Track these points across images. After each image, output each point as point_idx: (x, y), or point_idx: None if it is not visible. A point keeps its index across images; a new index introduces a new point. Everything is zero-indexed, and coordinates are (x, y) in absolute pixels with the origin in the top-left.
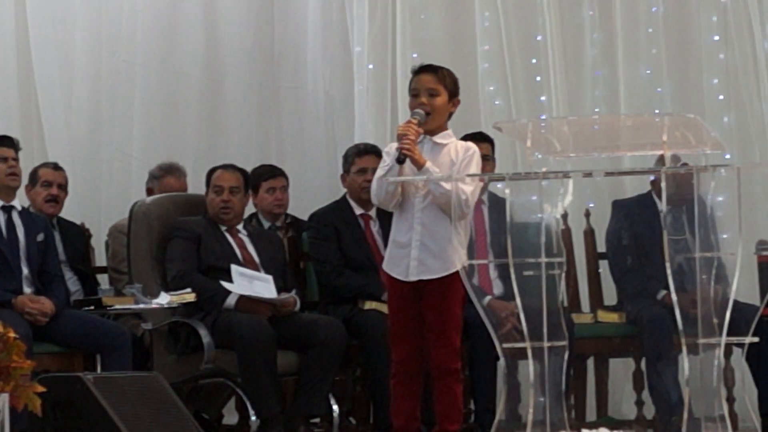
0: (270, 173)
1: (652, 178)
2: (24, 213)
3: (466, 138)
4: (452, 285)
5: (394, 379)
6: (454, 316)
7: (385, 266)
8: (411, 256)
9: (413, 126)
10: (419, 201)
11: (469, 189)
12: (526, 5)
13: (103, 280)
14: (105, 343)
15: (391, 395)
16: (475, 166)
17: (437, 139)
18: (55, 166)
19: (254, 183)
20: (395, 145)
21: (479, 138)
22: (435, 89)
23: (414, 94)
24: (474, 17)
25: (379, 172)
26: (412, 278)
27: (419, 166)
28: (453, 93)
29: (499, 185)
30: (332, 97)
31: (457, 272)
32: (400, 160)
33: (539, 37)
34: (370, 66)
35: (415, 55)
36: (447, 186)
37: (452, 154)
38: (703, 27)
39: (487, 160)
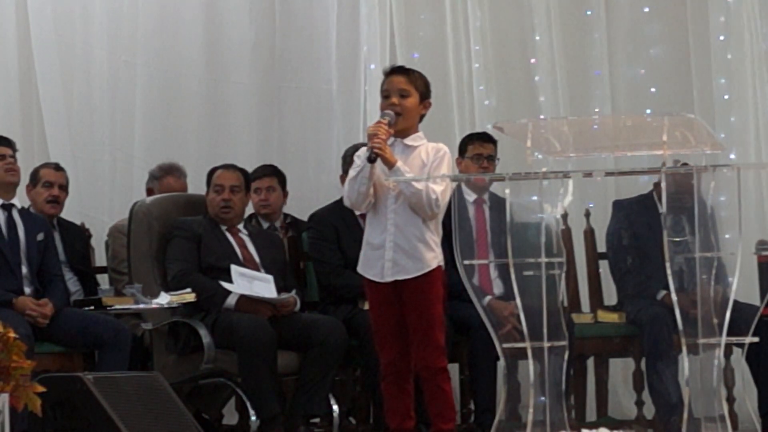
0: (257, 174)
1: (654, 180)
2: (24, 212)
3: (470, 138)
4: (430, 284)
5: (384, 381)
6: (435, 315)
7: (360, 269)
8: (385, 257)
9: (383, 126)
10: (392, 202)
11: (440, 189)
12: (524, 5)
13: (103, 280)
14: (104, 338)
15: (384, 397)
16: (446, 167)
17: (408, 141)
18: (57, 167)
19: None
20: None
21: (484, 138)
22: (406, 90)
23: (385, 95)
24: (468, 17)
25: (351, 173)
26: (388, 279)
27: (390, 165)
28: (424, 95)
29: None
30: (333, 97)
31: (433, 271)
32: (371, 159)
33: (538, 37)
34: (372, 66)
35: (416, 55)
36: (418, 186)
37: (423, 156)
38: (711, 27)
39: (491, 160)
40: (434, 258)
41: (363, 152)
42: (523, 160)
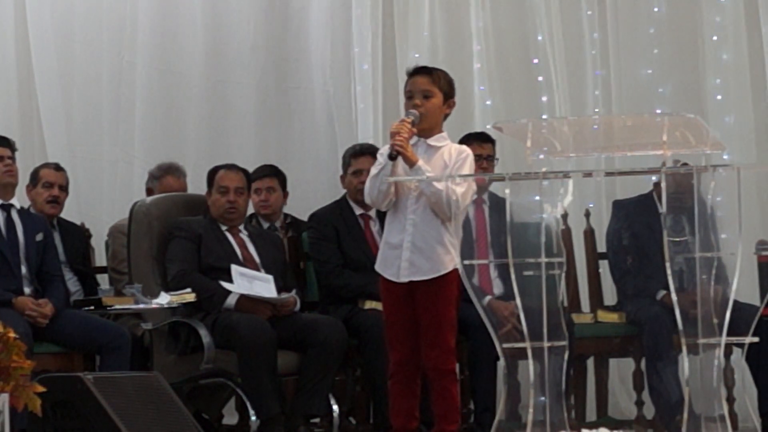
0: (257, 174)
1: (654, 180)
2: (23, 212)
3: (468, 138)
4: (445, 286)
5: (392, 379)
6: (447, 317)
7: (378, 267)
8: (402, 257)
9: (407, 125)
10: (412, 202)
11: (460, 190)
12: (525, 5)
13: (103, 280)
14: (104, 343)
15: (390, 396)
16: (468, 169)
17: (431, 141)
18: (57, 167)
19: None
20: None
21: (482, 138)
22: (429, 90)
23: (409, 95)
24: (470, 17)
25: (373, 171)
26: (404, 279)
27: (411, 163)
28: (448, 95)
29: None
30: (334, 98)
31: (449, 273)
32: (392, 157)
33: (540, 37)
34: (365, 66)
35: (417, 55)
36: (439, 186)
37: (446, 157)
38: (706, 27)
39: (490, 160)
40: (451, 260)
41: (385, 150)
42: (523, 160)
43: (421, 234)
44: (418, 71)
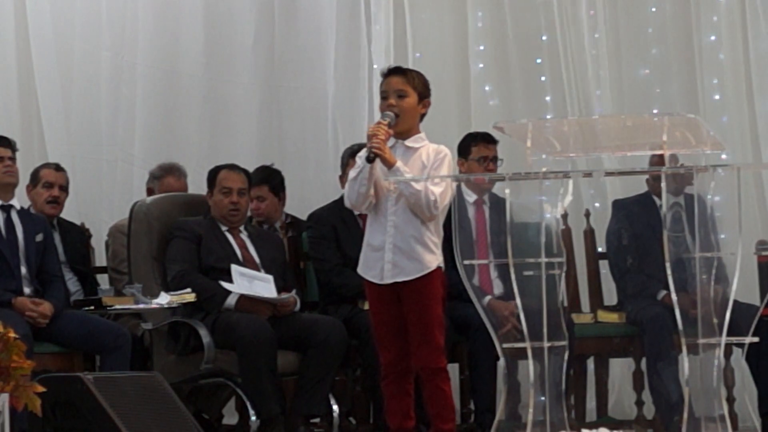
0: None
1: (646, 176)
2: (23, 213)
3: (474, 138)
4: (429, 285)
5: (384, 381)
6: (434, 316)
7: (360, 270)
8: (385, 258)
9: (383, 127)
10: (392, 204)
11: (438, 190)
12: (529, 5)
13: (103, 280)
14: (105, 343)
15: (384, 397)
16: (446, 169)
17: (409, 143)
18: (57, 167)
19: None
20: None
21: (488, 139)
22: (403, 90)
23: (383, 96)
24: (478, 17)
25: (352, 174)
26: (387, 281)
27: (389, 165)
28: (423, 95)
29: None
30: (333, 97)
31: (433, 272)
32: (369, 159)
33: (544, 37)
34: (375, 66)
35: (418, 55)
36: (417, 186)
37: (424, 158)
38: (703, 27)
39: (495, 161)
40: (434, 259)
41: (363, 153)
42: (523, 160)
43: (402, 235)
44: (392, 71)
